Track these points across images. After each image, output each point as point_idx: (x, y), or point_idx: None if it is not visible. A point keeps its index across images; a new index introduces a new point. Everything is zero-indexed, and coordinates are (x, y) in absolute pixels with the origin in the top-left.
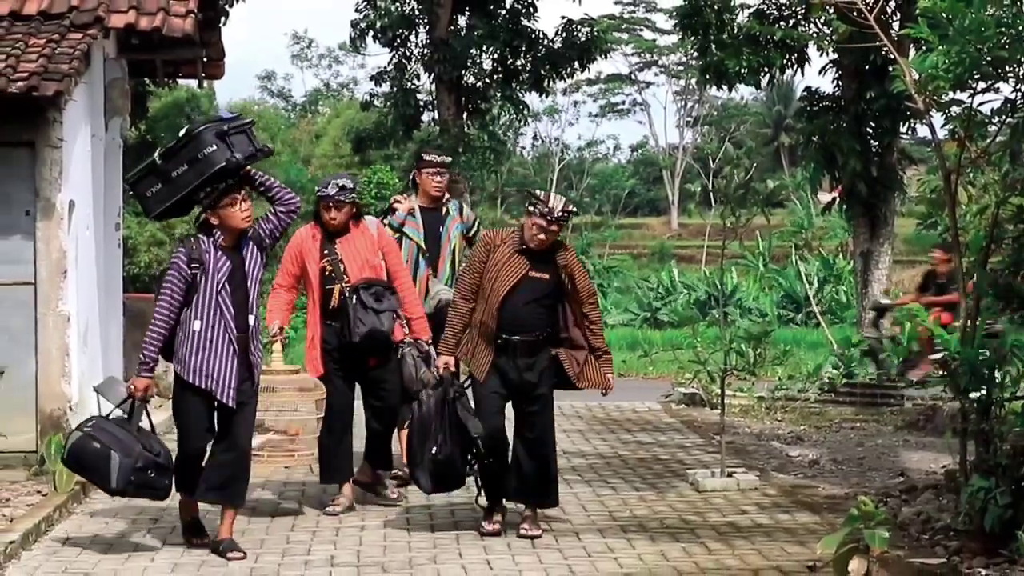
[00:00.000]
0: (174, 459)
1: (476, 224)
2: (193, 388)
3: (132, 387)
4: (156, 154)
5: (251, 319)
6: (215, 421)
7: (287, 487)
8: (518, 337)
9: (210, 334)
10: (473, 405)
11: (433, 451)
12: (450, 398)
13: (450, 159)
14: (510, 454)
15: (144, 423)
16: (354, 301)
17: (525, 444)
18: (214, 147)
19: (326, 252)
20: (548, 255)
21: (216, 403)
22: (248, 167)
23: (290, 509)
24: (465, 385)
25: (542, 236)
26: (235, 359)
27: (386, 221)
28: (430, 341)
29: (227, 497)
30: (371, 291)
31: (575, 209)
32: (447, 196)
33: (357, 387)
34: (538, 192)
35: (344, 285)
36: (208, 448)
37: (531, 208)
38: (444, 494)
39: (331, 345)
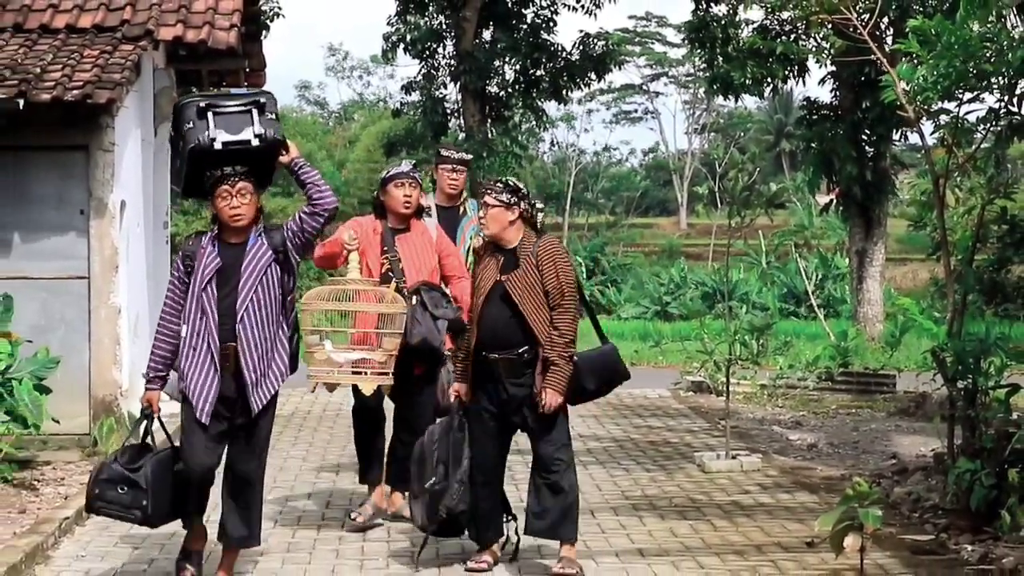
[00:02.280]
0: (180, 480)
1: None
2: (185, 401)
3: (143, 401)
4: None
5: (242, 328)
6: (222, 439)
7: (333, 497)
8: (496, 355)
9: (193, 340)
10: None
11: (431, 483)
12: (455, 427)
13: (470, 156)
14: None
15: (153, 438)
16: (415, 302)
17: (534, 469)
18: (190, 124)
19: (386, 249)
20: (518, 254)
21: (227, 423)
22: (295, 155)
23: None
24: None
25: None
26: (214, 371)
27: None
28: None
29: (237, 542)
30: (431, 295)
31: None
32: (465, 195)
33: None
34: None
35: (401, 284)
36: (212, 471)
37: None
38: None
39: None
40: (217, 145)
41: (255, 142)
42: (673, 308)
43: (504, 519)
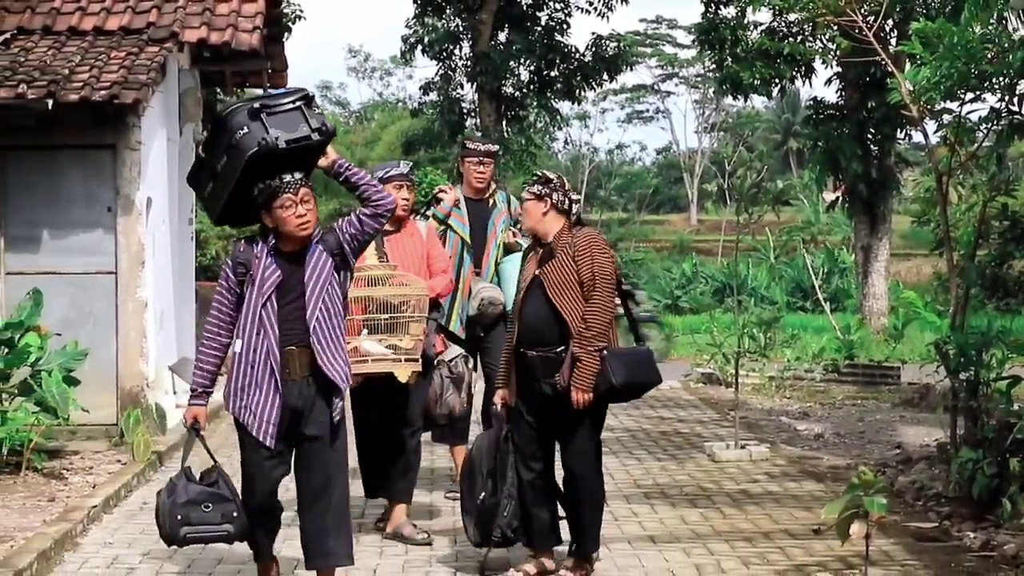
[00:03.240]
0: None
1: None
2: (239, 424)
3: (183, 419)
4: (199, 146)
5: (313, 338)
6: (285, 459)
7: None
8: (534, 352)
9: (250, 357)
10: None
11: (481, 498)
12: (502, 438)
13: (496, 148)
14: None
15: (193, 458)
16: None
17: (570, 490)
18: (245, 129)
19: (375, 251)
20: (556, 247)
21: (289, 441)
22: (334, 156)
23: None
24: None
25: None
26: (275, 389)
27: (430, 212)
28: (460, 357)
29: (331, 561)
30: None
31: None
32: (494, 187)
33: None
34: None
35: None
36: (275, 501)
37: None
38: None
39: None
40: (282, 144)
41: (315, 136)
42: (684, 302)
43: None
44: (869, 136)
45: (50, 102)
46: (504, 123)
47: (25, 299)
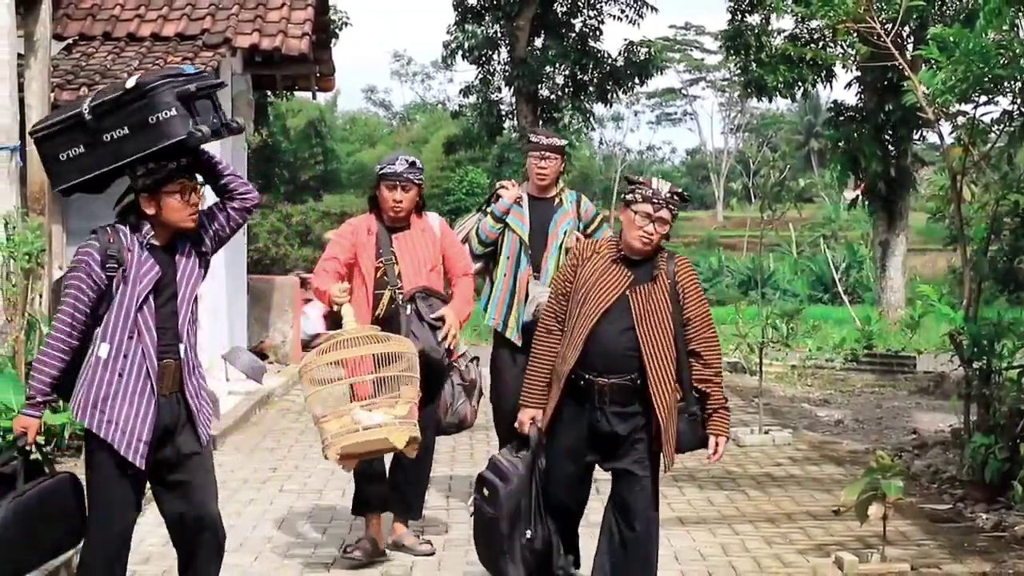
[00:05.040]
0: (81, 551)
1: (597, 221)
2: (95, 438)
3: (15, 428)
4: (85, 104)
5: (183, 347)
6: (139, 490)
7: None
8: (606, 379)
9: (120, 364)
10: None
11: (528, 536)
12: (541, 467)
13: (563, 141)
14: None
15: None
16: (408, 311)
17: (620, 532)
18: (173, 112)
19: (381, 251)
20: (653, 268)
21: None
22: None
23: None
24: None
25: (650, 229)
26: (152, 402)
27: (488, 209)
28: (456, 333)
29: None
30: (428, 302)
31: (686, 193)
32: (561, 185)
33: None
34: (636, 177)
35: (396, 291)
36: (127, 545)
37: (631, 196)
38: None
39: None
40: (208, 141)
41: (225, 133)
42: (711, 294)
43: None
44: (887, 137)
45: None
46: (540, 125)
47: None
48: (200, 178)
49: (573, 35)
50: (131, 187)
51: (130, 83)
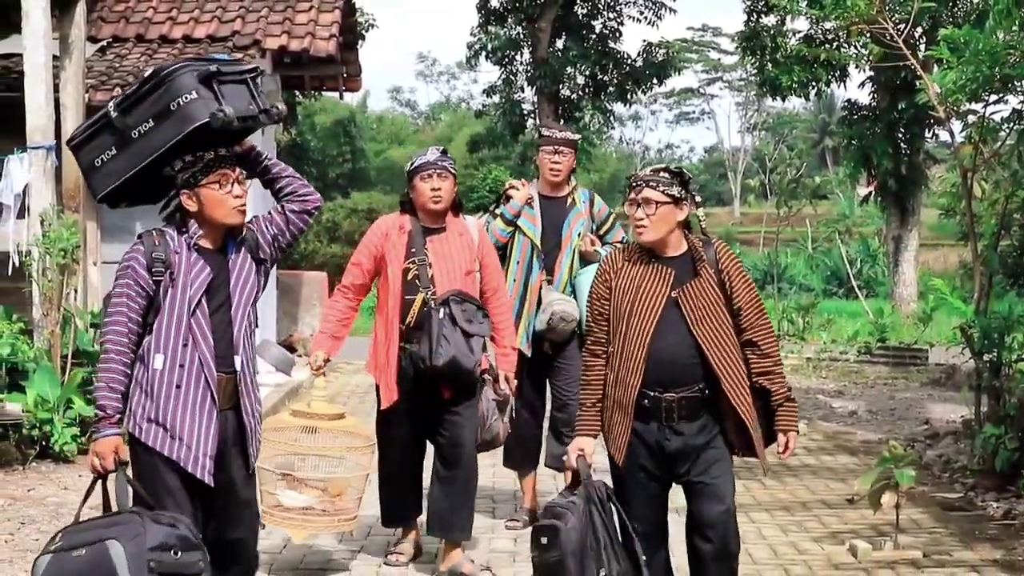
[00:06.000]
0: None
1: (610, 221)
2: (154, 456)
3: (93, 458)
4: (111, 103)
5: (238, 359)
6: (198, 510)
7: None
8: (673, 394)
9: (177, 375)
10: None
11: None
12: (601, 499)
13: (576, 136)
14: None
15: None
16: (441, 315)
17: (703, 546)
18: (194, 95)
19: (413, 251)
20: (694, 260)
21: (193, 484)
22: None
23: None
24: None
25: (639, 214)
26: (213, 414)
27: (498, 211)
28: (513, 382)
29: None
30: (463, 307)
31: (677, 167)
32: (574, 183)
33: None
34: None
35: (429, 296)
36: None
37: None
38: None
39: (406, 371)
40: (236, 122)
41: (263, 119)
42: None
43: None
44: (899, 135)
45: None
46: (561, 123)
47: None
48: (240, 170)
49: (593, 36)
50: (173, 185)
51: (148, 72)
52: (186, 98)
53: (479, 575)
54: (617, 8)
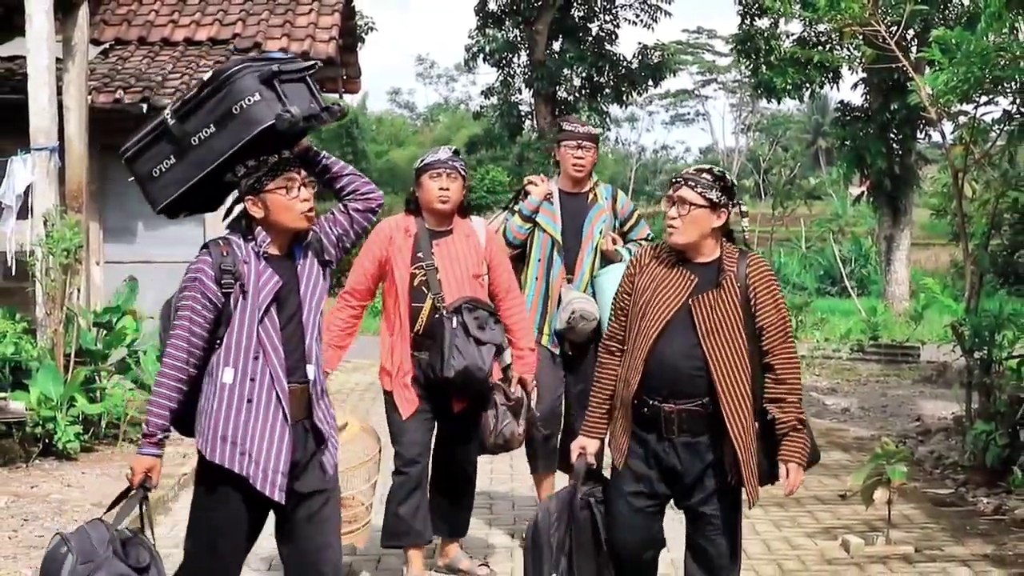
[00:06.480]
0: None
1: (634, 218)
2: (221, 474)
3: (128, 470)
4: (167, 111)
5: (311, 368)
6: (258, 528)
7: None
8: (673, 405)
9: (247, 389)
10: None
11: None
12: (578, 503)
13: (598, 130)
14: None
15: (150, 524)
16: (454, 324)
17: (695, 564)
18: (257, 97)
19: (420, 255)
20: (720, 270)
21: (262, 500)
22: (309, 143)
23: None
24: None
25: (672, 213)
26: (286, 428)
27: (516, 208)
28: (531, 387)
29: None
30: (474, 314)
31: (718, 170)
32: (595, 179)
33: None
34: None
35: (438, 303)
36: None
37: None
38: None
39: (417, 379)
40: (300, 122)
41: (325, 116)
42: None
43: None
44: (892, 136)
45: (145, 106)
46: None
47: (122, 286)
48: (304, 172)
49: (590, 39)
50: (238, 192)
51: (208, 75)
52: (249, 100)
53: (477, 571)
54: (613, 11)
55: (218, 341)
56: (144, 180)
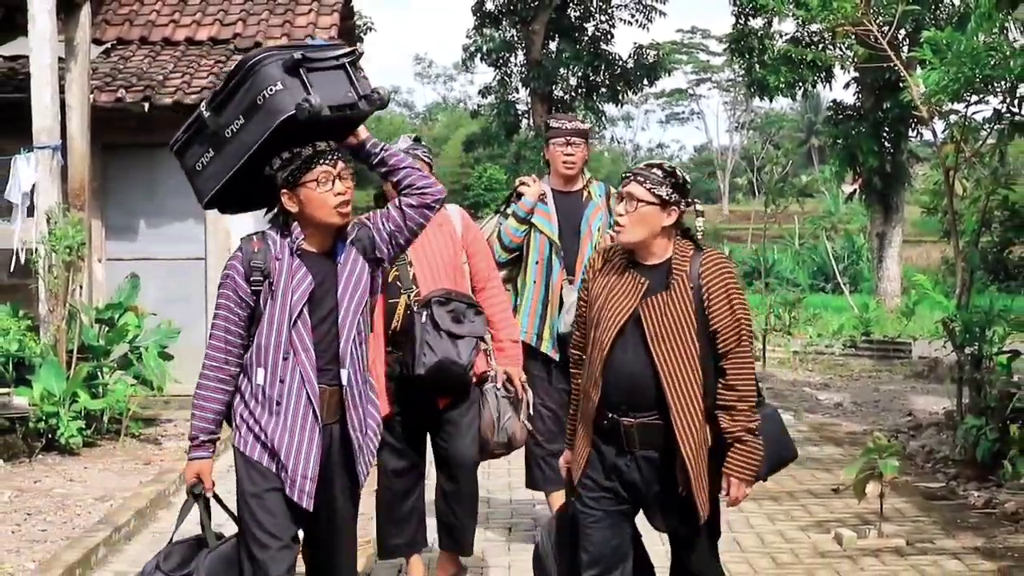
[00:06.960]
0: None
1: None
2: (259, 470)
3: (187, 475)
4: (203, 103)
5: (345, 373)
6: (299, 526)
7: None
8: (632, 419)
9: (277, 390)
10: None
11: None
12: (560, 521)
13: (587, 125)
14: None
15: (208, 526)
16: (423, 319)
17: None
18: (280, 86)
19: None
20: (670, 271)
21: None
22: (367, 134)
23: None
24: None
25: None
26: (316, 432)
27: (510, 210)
28: (519, 378)
29: None
30: (448, 307)
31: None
32: (588, 176)
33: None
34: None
35: (411, 298)
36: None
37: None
38: None
39: (394, 379)
40: (325, 111)
41: (363, 105)
42: None
43: None
44: (884, 134)
45: (146, 105)
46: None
47: (124, 283)
48: (342, 164)
49: (586, 39)
50: (276, 185)
51: (236, 65)
52: (271, 89)
53: None
54: (609, 11)
55: (251, 339)
56: (190, 173)
